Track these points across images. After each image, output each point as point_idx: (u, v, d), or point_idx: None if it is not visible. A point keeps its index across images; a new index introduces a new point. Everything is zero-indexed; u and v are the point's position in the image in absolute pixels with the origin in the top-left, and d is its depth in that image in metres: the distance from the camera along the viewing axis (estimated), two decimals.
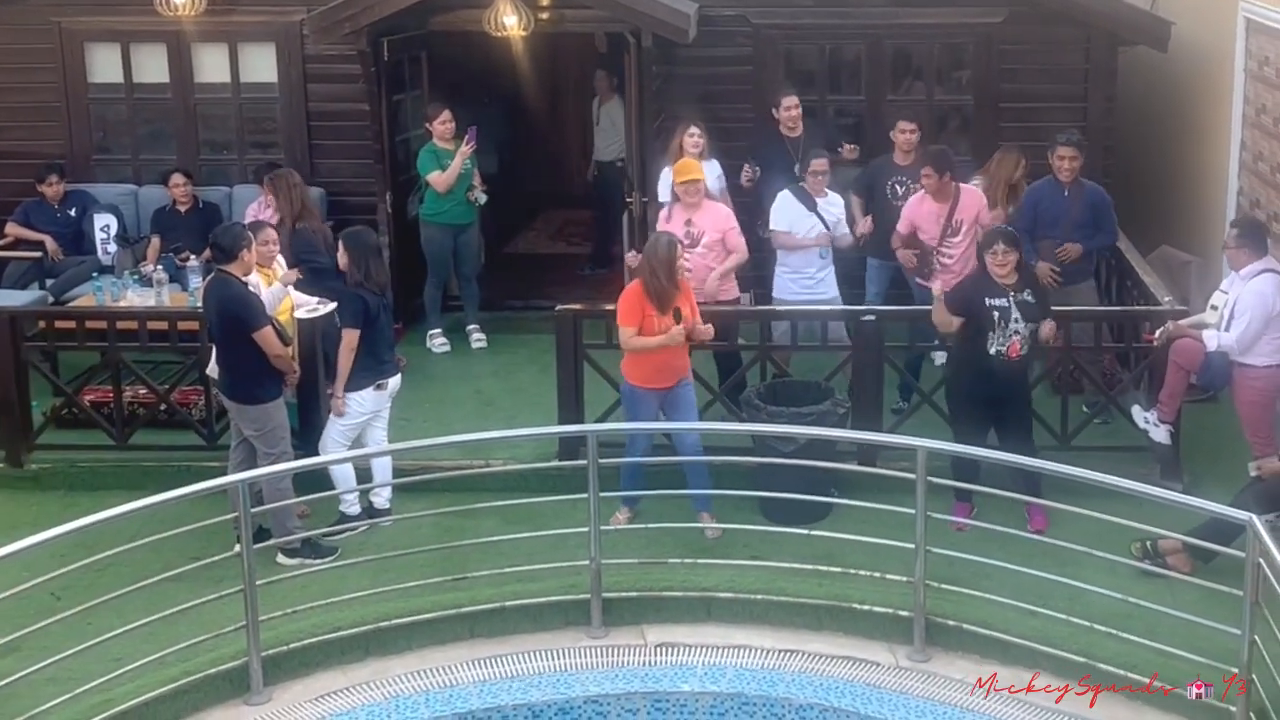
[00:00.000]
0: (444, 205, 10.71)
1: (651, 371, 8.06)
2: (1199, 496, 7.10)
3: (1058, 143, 9.37)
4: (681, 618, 7.33)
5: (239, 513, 6.66)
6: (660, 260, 7.95)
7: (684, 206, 9.01)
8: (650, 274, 7.96)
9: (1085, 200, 9.37)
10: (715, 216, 9.13)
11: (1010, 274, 7.96)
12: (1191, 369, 8.23)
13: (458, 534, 7.85)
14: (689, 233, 8.96)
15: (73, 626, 6.54)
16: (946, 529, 7.49)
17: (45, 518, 8.00)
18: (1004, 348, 7.92)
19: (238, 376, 7.87)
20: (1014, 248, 7.98)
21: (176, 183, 11.04)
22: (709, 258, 9.05)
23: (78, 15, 11.47)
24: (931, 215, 9.34)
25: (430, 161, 10.65)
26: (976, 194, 9.51)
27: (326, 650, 7.02)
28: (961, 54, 11.31)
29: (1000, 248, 7.95)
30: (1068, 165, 9.28)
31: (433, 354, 10.86)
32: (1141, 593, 6.79)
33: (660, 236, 8.27)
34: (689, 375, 8.21)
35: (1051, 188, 9.43)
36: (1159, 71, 11.57)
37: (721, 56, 11.14)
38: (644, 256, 8.13)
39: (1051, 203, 9.36)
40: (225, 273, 7.86)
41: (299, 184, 9.59)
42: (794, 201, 9.39)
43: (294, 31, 11.33)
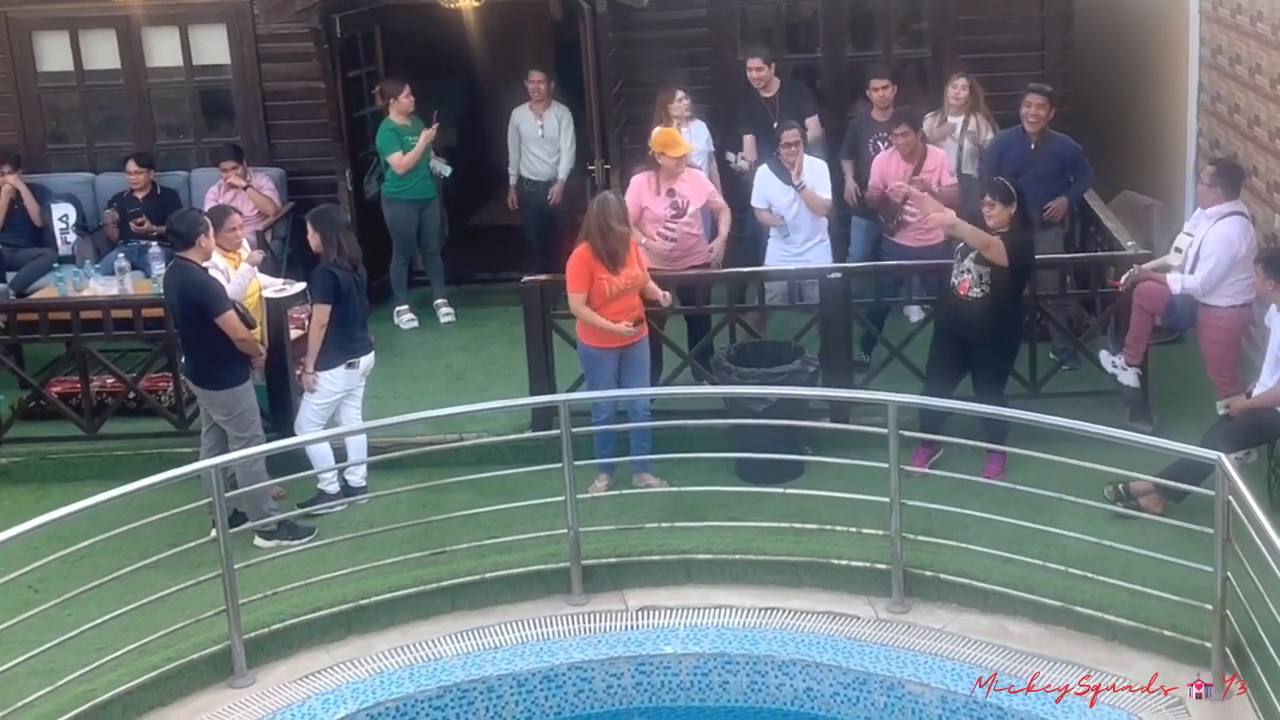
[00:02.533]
0: (407, 182, 10.67)
1: (605, 335, 8.05)
2: (1168, 437, 7.16)
3: (1029, 89, 9.38)
4: (661, 581, 7.37)
5: (213, 498, 6.65)
6: (614, 216, 7.90)
7: (666, 175, 8.93)
8: (599, 235, 7.90)
9: (1051, 152, 9.36)
10: (697, 184, 9.10)
11: (1000, 226, 7.94)
12: (1156, 312, 8.28)
13: (435, 509, 7.84)
14: (674, 202, 8.92)
15: (52, 618, 6.50)
16: (921, 481, 7.55)
17: (18, 511, 7.94)
18: (957, 281, 8.01)
19: (203, 362, 7.83)
20: (1002, 201, 7.91)
21: (133, 169, 10.94)
22: (695, 226, 9.04)
23: (24, 4, 11.36)
24: (899, 172, 9.36)
25: (391, 141, 10.60)
26: (941, 154, 9.55)
27: (308, 630, 7.02)
28: (919, 7, 11.29)
29: (987, 199, 7.99)
30: (1033, 113, 9.28)
31: (401, 330, 10.83)
32: (1115, 535, 6.87)
33: (608, 195, 8.20)
34: (644, 335, 8.16)
35: (1018, 138, 9.43)
36: (1115, 16, 11.60)
37: (677, 19, 11.08)
38: (590, 216, 8.06)
39: (1016, 154, 9.36)
40: (184, 259, 7.80)
41: None
42: (771, 177, 9.37)
43: (245, 11, 11.23)
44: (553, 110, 11.17)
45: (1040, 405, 7.93)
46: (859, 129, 10.16)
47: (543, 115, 11.13)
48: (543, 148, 11.16)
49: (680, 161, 8.89)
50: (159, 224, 10.23)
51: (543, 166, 11.22)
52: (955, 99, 9.94)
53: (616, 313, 7.97)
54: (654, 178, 8.94)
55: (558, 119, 11.17)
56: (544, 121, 11.13)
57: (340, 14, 10.68)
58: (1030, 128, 9.33)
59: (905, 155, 9.36)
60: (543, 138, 11.13)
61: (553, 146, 11.17)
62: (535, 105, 11.14)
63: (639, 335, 8.07)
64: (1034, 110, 9.28)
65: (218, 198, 10.48)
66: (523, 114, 11.21)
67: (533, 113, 11.16)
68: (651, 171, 8.97)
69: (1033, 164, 9.28)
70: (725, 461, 8.21)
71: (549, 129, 11.13)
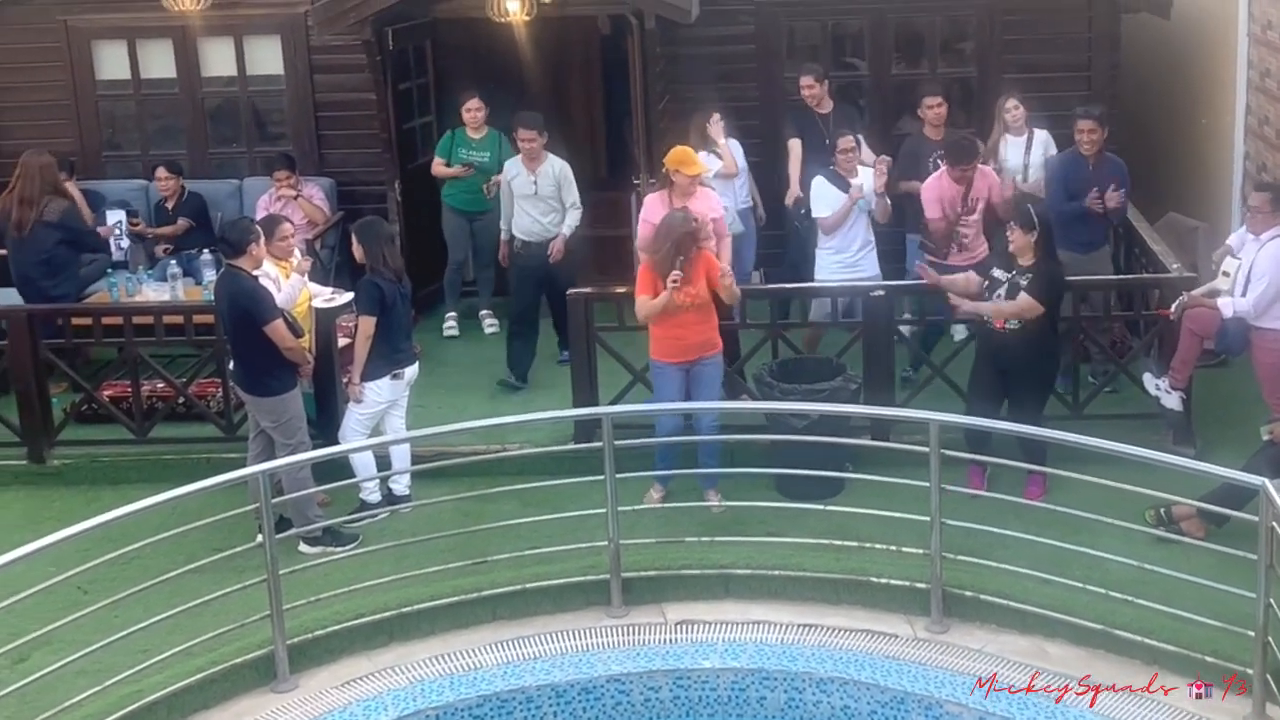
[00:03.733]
0: (461, 192, 10.80)
1: (674, 346, 8.10)
2: (1211, 461, 7.12)
3: (1077, 115, 9.38)
4: (700, 595, 7.41)
5: (260, 503, 6.74)
6: (677, 237, 7.98)
7: (679, 193, 8.98)
8: (662, 254, 7.99)
9: (1108, 172, 9.35)
10: (709, 203, 9.14)
11: (1022, 252, 8.01)
12: (1206, 336, 8.26)
13: (477, 518, 7.92)
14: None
15: (100, 619, 6.60)
16: (961, 500, 7.55)
17: (69, 513, 8.10)
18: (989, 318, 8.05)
19: (252, 369, 7.94)
20: (1023, 228, 7.98)
21: (163, 175, 11.09)
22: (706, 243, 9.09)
23: (85, 13, 11.53)
24: (949, 195, 9.37)
25: (445, 146, 10.80)
26: (990, 174, 9.54)
27: (351, 637, 7.10)
28: (964, 26, 11.31)
29: (1011, 225, 8.05)
30: (1086, 138, 9.29)
31: (444, 339, 10.92)
32: (1156, 559, 6.84)
33: (674, 214, 8.28)
34: (714, 352, 8.19)
35: (1076, 159, 9.43)
36: (1163, 38, 11.56)
37: (725, 35, 11.15)
38: (656, 235, 8.16)
39: (1077, 175, 9.37)
40: (235, 267, 7.92)
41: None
42: (828, 185, 9.42)
43: (299, 23, 11.37)
44: (548, 164, 10.03)
45: (1083, 427, 7.89)
46: (916, 149, 10.16)
47: (536, 171, 9.98)
48: (536, 206, 10.02)
49: (694, 180, 8.95)
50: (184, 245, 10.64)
51: (535, 226, 10.03)
52: (1014, 120, 9.95)
53: (678, 329, 8.02)
54: (668, 196, 9.01)
55: (555, 175, 10.01)
56: (538, 178, 9.98)
57: (393, 27, 10.80)
58: (1087, 151, 9.31)
59: (957, 178, 9.35)
60: (536, 195, 9.99)
61: (546, 205, 10.02)
62: (527, 161, 9.97)
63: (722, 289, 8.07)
64: (1086, 135, 9.28)
65: (269, 206, 10.62)
66: (515, 167, 10.07)
67: (526, 168, 10.01)
68: (665, 190, 9.04)
69: (1089, 183, 9.28)
70: (765, 477, 8.24)
71: (543, 186, 9.99)
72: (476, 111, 10.75)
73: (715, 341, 8.21)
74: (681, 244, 7.94)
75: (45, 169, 10.15)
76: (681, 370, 8.14)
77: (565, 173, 10.02)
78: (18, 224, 10.09)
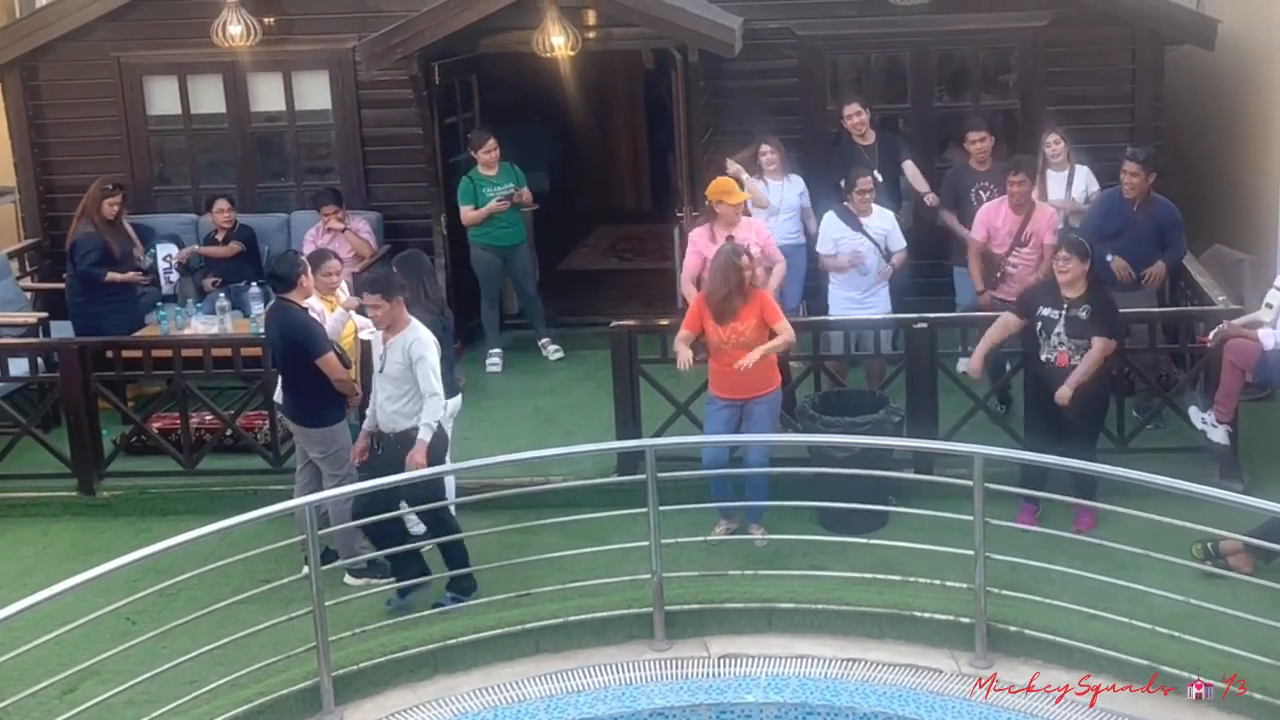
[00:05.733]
0: (490, 228, 10.86)
1: (724, 382, 8.13)
2: (1259, 496, 7.06)
3: (1125, 156, 9.31)
4: (743, 629, 7.40)
5: (306, 535, 6.79)
6: (719, 270, 8.02)
7: (723, 223, 9.03)
8: (711, 287, 8.05)
9: (1151, 216, 9.23)
10: (755, 230, 9.20)
11: (1073, 284, 7.98)
12: (1247, 368, 8.20)
13: (520, 550, 7.96)
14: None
15: (148, 650, 6.68)
16: (1006, 534, 7.50)
17: (118, 544, 8.20)
18: (1052, 356, 7.99)
19: (302, 401, 8.03)
20: (1079, 257, 7.97)
21: (222, 208, 11.22)
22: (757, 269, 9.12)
23: (137, 50, 11.70)
24: (1006, 225, 9.36)
25: (467, 192, 10.84)
26: (1049, 210, 9.50)
27: (395, 669, 7.14)
28: (1007, 58, 11.33)
29: (1063, 254, 8.00)
30: (1129, 180, 9.16)
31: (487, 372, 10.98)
32: (1203, 594, 6.80)
33: (724, 247, 8.29)
34: (769, 390, 8.16)
35: (1120, 198, 9.32)
36: (1207, 69, 11.52)
37: (768, 69, 11.21)
38: (709, 268, 8.22)
39: (1117, 214, 9.27)
40: (285, 300, 8.02)
41: None
42: (838, 223, 9.44)
43: (346, 59, 11.50)
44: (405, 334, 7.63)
45: (1128, 461, 7.85)
46: (958, 180, 10.17)
47: (388, 342, 7.68)
48: (384, 387, 7.74)
49: (736, 209, 8.99)
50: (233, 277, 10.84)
51: (383, 414, 7.72)
52: (1055, 155, 9.94)
53: (725, 364, 8.03)
54: (712, 228, 9.06)
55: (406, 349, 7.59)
56: (387, 350, 7.68)
57: (439, 62, 10.92)
58: (1129, 194, 9.22)
59: (1015, 205, 9.32)
60: (383, 373, 7.72)
61: (395, 388, 7.67)
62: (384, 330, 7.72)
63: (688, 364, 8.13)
64: (1129, 178, 9.16)
65: (315, 240, 10.73)
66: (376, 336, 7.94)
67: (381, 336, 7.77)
68: (710, 223, 9.09)
69: (1132, 225, 9.21)
70: (808, 510, 8.24)
71: (390, 363, 7.65)
72: (494, 151, 10.83)
73: (771, 379, 8.18)
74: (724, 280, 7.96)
75: (88, 194, 10.53)
76: (734, 406, 8.14)
77: (419, 348, 7.61)
78: None
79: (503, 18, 10.48)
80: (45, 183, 11.97)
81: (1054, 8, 10.95)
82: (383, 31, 10.60)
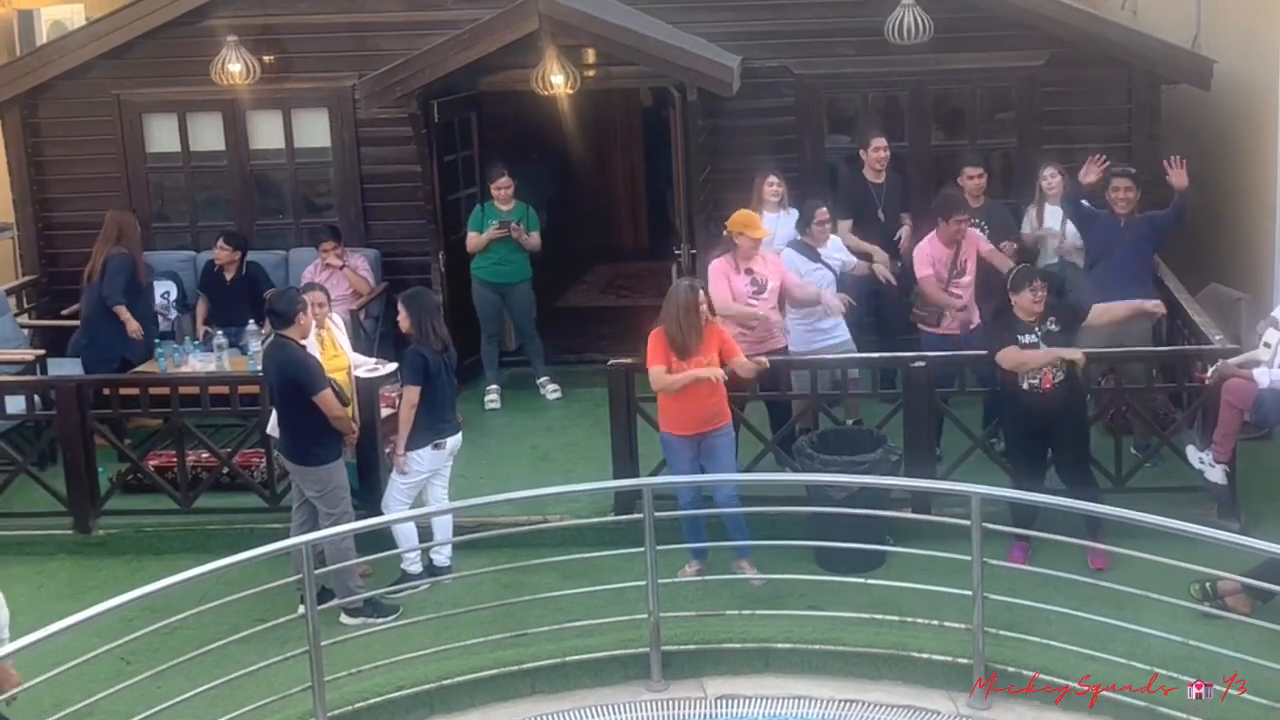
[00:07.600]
0: (491, 264, 10.90)
1: (682, 418, 8.08)
2: (1256, 535, 7.08)
3: (1113, 174, 9.47)
4: (740, 669, 7.38)
5: (302, 574, 6.78)
6: (681, 307, 7.97)
7: (743, 256, 9.08)
8: (671, 322, 8.01)
9: (1139, 232, 9.43)
10: (774, 264, 9.23)
11: (1038, 308, 8.14)
12: (1244, 407, 8.20)
13: (517, 590, 7.93)
14: (754, 279, 9.05)
15: (143, 690, 6.64)
16: (1003, 574, 7.50)
17: (113, 582, 8.19)
18: (1036, 381, 8.04)
19: (299, 438, 8.02)
20: (1051, 290, 8.18)
21: (222, 246, 11.22)
22: (772, 302, 9.15)
23: (136, 87, 11.74)
24: (942, 258, 9.42)
25: (476, 220, 10.93)
26: (978, 236, 9.63)
27: (391, 709, 7.11)
28: (1004, 97, 11.37)
29: (1038, 284, 8.14)
30: (1122, 196, 9.36)
31: (486, 410, 10.97)
32: (1201, 634, 6.78)
33: (680, 283, 8.28)
34: (725, 423, 8.18)
35: (1110, 219, 9.49)
36: (1202, 109, 11.57)
37: (765, 108, 11.26)
38: (666, 300, 8.18)
39: (1107, 233, 9.45)
40: (284, 337, 8.03)
41: None
42: (798, 257, 9.49)
43: (346, 96, 11.55)
44: None
45: (1125, 500, 7.87)
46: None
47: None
48: None
49: (757, 243, 9.03)
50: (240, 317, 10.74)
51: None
52: (1051, 189, 9.99)
53: (686, 400, 8.01)
54: (732, 259, 9.09)
55: None
56: None
57: (439, 100, 10.96)
58: (1121, 210, 9.39)
59: (947, 241, 9.39)
60: None
61: None
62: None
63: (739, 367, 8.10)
64: (1122, 193, 9.37)
65: (314, 276, 10.73)
66: None
67: None
68: (729, 254, 9.11)
69: (1121, 241, 9.36)
70: (805, 550, 8.22)
71: None
72: (506, 188, 10.88)
73: (725, 413, 8.18)
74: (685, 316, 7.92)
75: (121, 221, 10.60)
76: (692, 443, 8.12)
77: None
78: (88, 274, 10.54)
79: (502, 56, 10.54)
80: (44, 219, 12.01)
81: (1050, 48, 11.01)
82: (382, 70, 10.65)
